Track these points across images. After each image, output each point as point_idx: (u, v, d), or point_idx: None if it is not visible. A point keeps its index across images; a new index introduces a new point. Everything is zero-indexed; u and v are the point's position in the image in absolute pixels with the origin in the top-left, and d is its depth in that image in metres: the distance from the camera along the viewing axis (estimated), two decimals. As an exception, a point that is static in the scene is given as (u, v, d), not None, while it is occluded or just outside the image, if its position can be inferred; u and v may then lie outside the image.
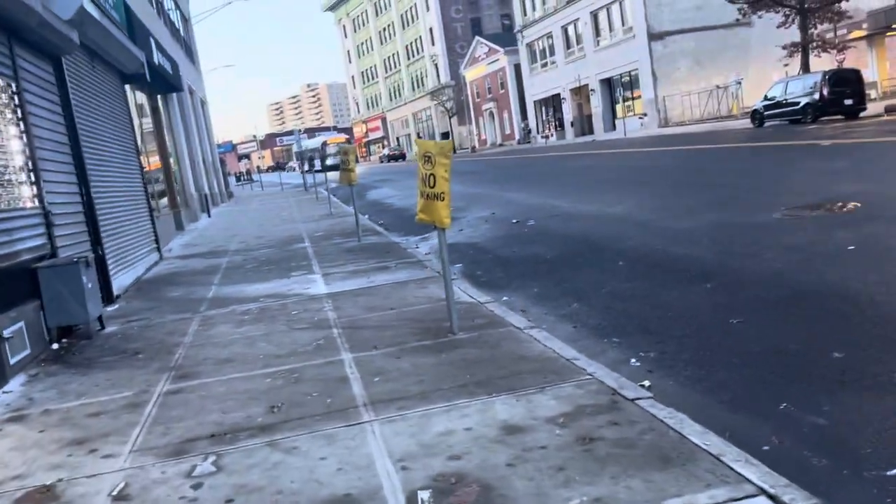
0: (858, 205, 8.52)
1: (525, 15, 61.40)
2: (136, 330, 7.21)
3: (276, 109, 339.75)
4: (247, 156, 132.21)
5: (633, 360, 4.79)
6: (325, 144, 69.72)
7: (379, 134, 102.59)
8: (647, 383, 4.23)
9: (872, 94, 33.68)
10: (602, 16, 50.91)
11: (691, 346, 4.91)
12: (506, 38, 67.85)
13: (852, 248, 6.59)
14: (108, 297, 8.56)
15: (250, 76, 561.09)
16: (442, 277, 6.02)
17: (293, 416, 4.20)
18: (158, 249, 12.75)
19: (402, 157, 76.98)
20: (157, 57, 15.03)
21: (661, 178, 16.45)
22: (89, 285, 7.07)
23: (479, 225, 12.68)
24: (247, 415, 4.31)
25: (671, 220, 9.86)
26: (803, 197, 9.85)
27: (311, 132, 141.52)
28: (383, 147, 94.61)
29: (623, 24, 48.52)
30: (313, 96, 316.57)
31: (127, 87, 13.44)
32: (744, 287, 6.03)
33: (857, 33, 38.27)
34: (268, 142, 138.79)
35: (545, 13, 57.82)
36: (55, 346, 6.81)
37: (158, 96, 17.96)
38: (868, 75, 34.20)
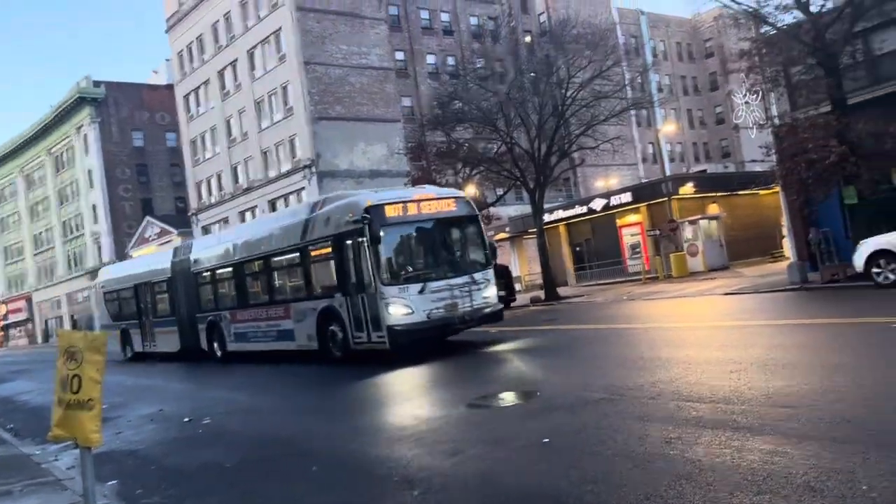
0: (538, 393, 8.80)
1: (201, 199, 60.57)
2: None
3: None
4: None
5: None
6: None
7: (23, 316, 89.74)
8: None
9: (518, 286, 38.48)
10: (280, 205, 52.21)
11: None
12: (180, 219, 65.76)
13: (546, 440, 6.53)
14: None
15: None
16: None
17: None
18: None
19: None
20: None
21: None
22: None
23: (143, 425, 10.76)
24: None
25: (356, 414, 9.24)
26: (491, 385, 10.00)
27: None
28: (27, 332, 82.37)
29: (300, 213, 50.13)
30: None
31: None
32: (455, 496, 5.47)
33: (502, 235, 44.28)
34: None
35: (221, 198, 57.66)
36: None
37: None
38: (513, 271, 39.31)
